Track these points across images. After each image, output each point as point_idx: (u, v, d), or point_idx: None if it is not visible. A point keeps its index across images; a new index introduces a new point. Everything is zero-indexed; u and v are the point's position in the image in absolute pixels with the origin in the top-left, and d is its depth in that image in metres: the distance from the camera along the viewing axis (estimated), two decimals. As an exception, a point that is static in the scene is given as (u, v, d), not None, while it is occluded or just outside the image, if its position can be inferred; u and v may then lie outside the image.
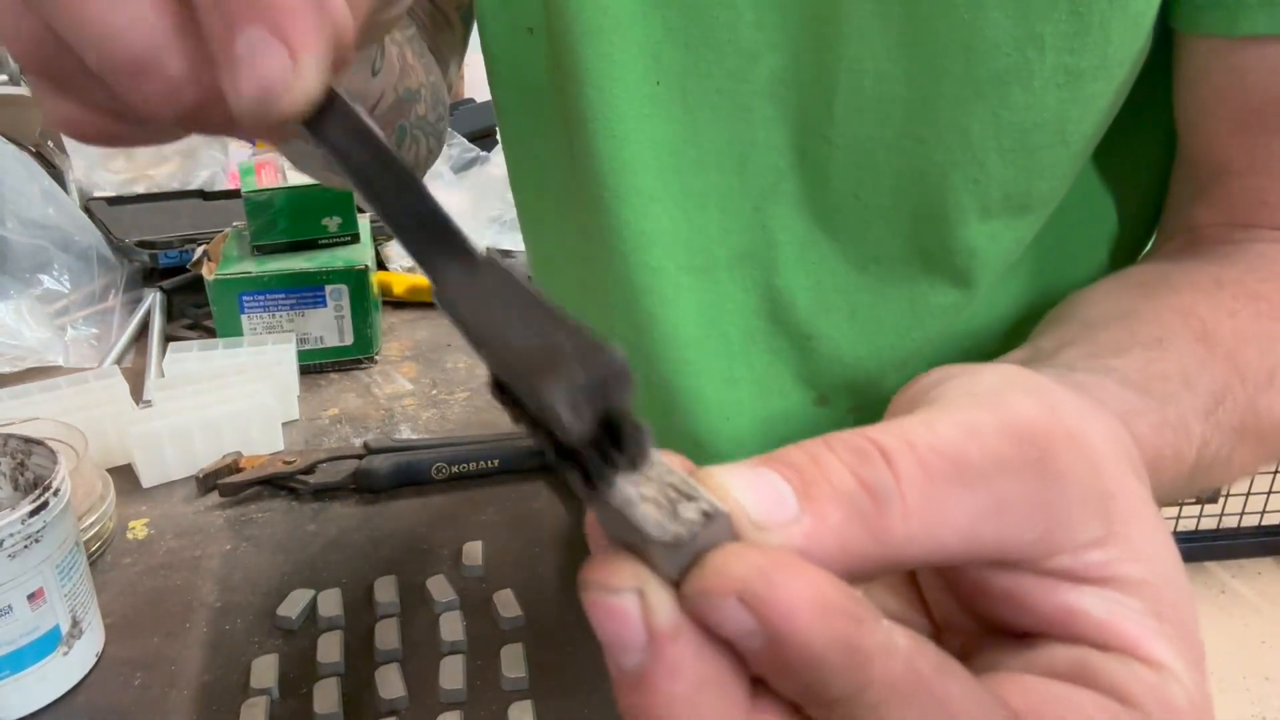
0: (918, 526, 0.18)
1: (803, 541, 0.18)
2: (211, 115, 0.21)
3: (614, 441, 0.17)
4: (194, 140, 1.06)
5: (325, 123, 0.21)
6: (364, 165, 0.21)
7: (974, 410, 0.20)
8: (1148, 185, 0.46)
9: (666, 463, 0.18)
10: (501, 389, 0.18)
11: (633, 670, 0.17)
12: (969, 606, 0.22)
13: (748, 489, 0.18)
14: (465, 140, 1.27)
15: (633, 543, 0.18)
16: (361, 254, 0.82)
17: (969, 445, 0.19)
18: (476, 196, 1.11)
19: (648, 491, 0.17)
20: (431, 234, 0.21)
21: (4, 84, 1.40)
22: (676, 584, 0.17)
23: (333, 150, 0.21)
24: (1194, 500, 1.92)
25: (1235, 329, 0.34)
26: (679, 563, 0.17)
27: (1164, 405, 0.29)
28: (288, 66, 0.19)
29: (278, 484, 0.65)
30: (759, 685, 0.18)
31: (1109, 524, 0.20)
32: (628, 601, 0.17)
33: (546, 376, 0.16)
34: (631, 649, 0.17)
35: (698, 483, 0.18)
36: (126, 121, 0.23)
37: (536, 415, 0.17)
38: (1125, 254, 0.48)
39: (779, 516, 0.18)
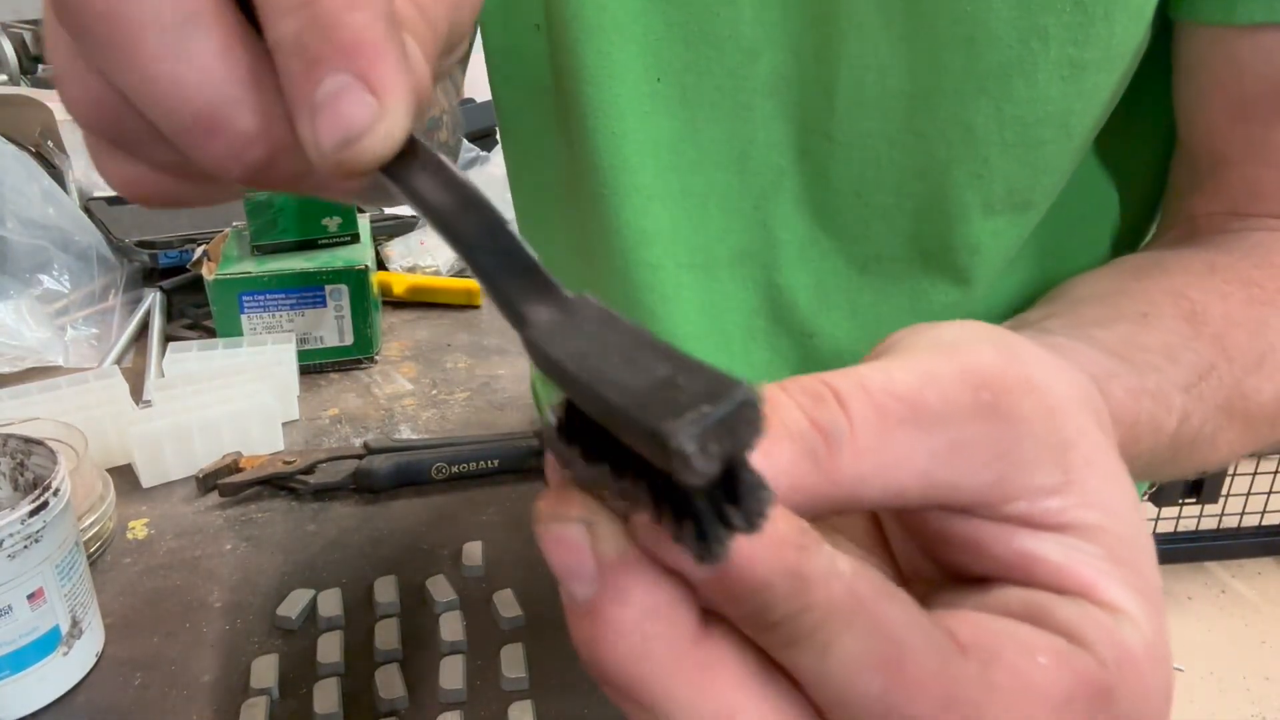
0: (870, 467, 0.18)
1: None
2: (280, 171, 0.21)
3: (727, 494, 0.16)
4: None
5: (406, 168, 0.21)
6: (446, 209, 0.20)
7: (932, 357, 0.20)
8: (1146, 178, 0.46)
9: None
10: (570, 435, 0.18)
11: (584, 600, 0.17)
12: (930, 554, 0.22)
13: None
14: (465, 140, 1.26)
15: (588, 479, 0.18)
16: (362, 254, 0.82)
17: (924, 389, 0.19)
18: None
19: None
20: (516, 275, 0.20)
21: (4, 84, 1.40)
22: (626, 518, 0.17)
23: (414, 197, 0.21)
24: (1194, 500, 1.92)
25: (1226, 312, 0.34)
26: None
27: (1143, 374, 0.29)
28: (374, 111, 0.19)
29: (278, 484, 0.65)
30: (706, 614, 0.18)
31: (1066, 472, 0.20)
32: (576, 532, 0.17)
33: (668, 413, 0.15)
34: (582, 578, 0.17)
35: None
36: (190, 180, 0.23)
37: (650, 458, 0.15)
38: (1124, 247, 0.48)
39: None
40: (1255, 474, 1.94)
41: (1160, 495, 1.85)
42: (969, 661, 0.17)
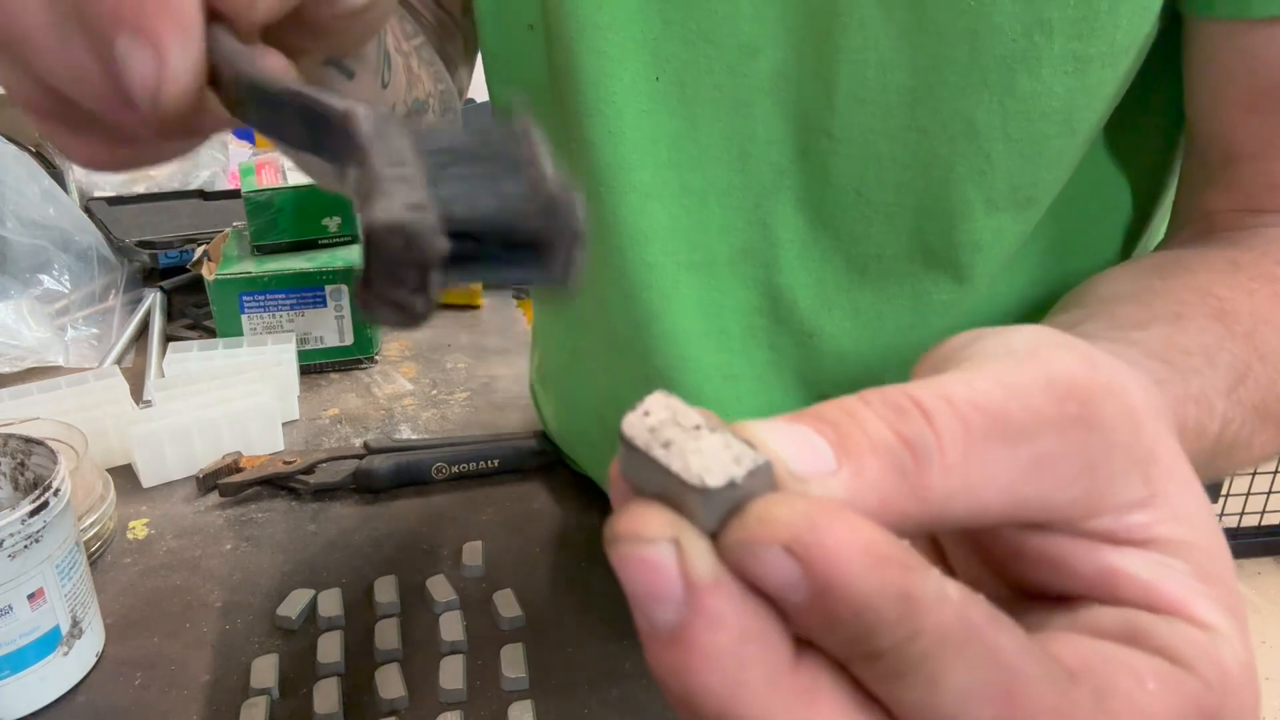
0: (959, 483, 0.17)
1: (842, 494, 0.17)
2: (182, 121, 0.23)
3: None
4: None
5: (246, 102, 0.22)
6: (271, 122, 0.22)
7: (1012, 366, 0.19)
8: (1150, 173, 0.46)
9: (703, 415, 0.17)
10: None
11: (668, 626, 0.16)
12: (1001, 571, 0.21)
13: (785, 442, 0.17)
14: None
15: (665, 493, 0.17)
16: (362, 254, 0.82)
17: (1009, 401, 0.18)
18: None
19: (684, 440, 0.16)
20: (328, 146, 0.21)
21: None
22: (713, 537, 0.16)
23: (252, 123, 0.23)
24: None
25: (1253, 309, 0.33)
26: (717, 514, 0.16)
27: (1186, 378, 0.29)
28: (154, 60, 0.21)
29: (278, 484, 0.65)
30: (800, 645, 0.17)
31: (1151, 485, 0.19)
32: (663, 552, 0.16)
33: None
34: (667, 602, 0.16)
35: (734, 435, 0.17)
36: (132, 144, 0.26)
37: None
38: (1127, 246, 0.48)
39: (817, 469, 0.17)
40: (1255, 474, 1.94)
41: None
42: (1082, 691, 0.16)
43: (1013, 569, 0.20)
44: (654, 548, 0.16)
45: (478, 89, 0.59)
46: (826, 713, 0.16)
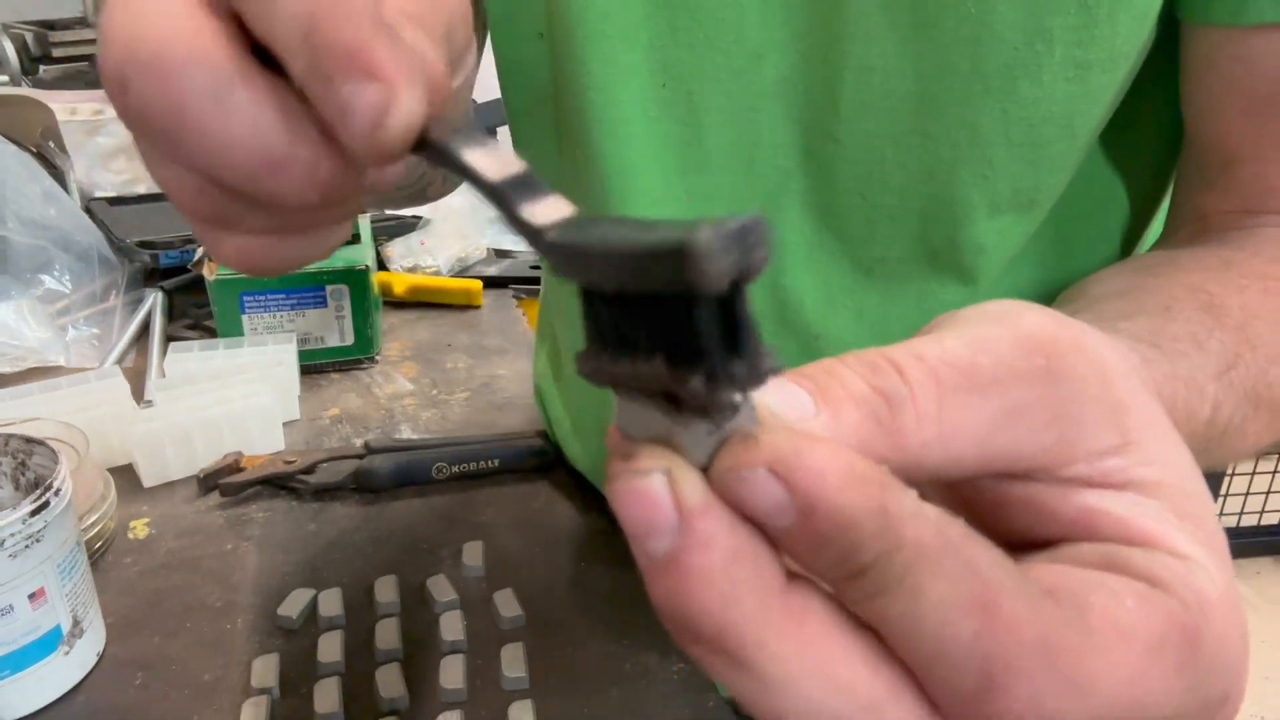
0: (932, 432, 0.18)
1: (823, 434, 0.18)
2: (348, 186, 0.23)
3: (730, 346, 0.17)
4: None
5: (436, 146, 0.23)
6: (474, 166, 0.23)
7: (982, 326, 0.20)
8: (1150, 174, 0.46)
9: None
10: (597, 348, 0.18)
11: (664, 554, 0.17)
12: (987, 523, 0.22)
13: (768, 391, 0.18)
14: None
15: (657, 437, 0.18)
16: (362, 254, 0.82)
17: (978, 355, 0.19)
18: (475, 196, 1.11)
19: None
20: (525, 197, 0.21)
21: (5, 84, 1.40)
22: (704, 471, 0.17)
23: (447, 165, 0.23)
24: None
25: (1244, 304, 0.34)
26: (705, 449, 0.17)
27: (1174, 360, 0.29)
28: (384, 93, 0.21)
29: (278, 484, 0.65)
30: (792, 575, 0.18)
31: (1124, 433, 0.20)
32: (656, 482, 0.17)
33: (682, 234, 0.15)
34: (662, 531, 0.17)
35: None
36: (290, 235, 0.26)
37: (667, 287, 0.16)
38: (1128, 244, 0.48)
39: (799, 413, 0.18)
40: (1254, 473, 1.94)
41: (1160, 495, 1.85)
42: (1061, 605, 0.17)
43: (998, 519, 0.21)
44: (648, 479, 0.17)
45: (478, 89, 0.59)
46: (816, 632, 0.17)
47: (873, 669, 0.17)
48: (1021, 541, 0.21)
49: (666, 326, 0.17)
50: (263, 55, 0.22)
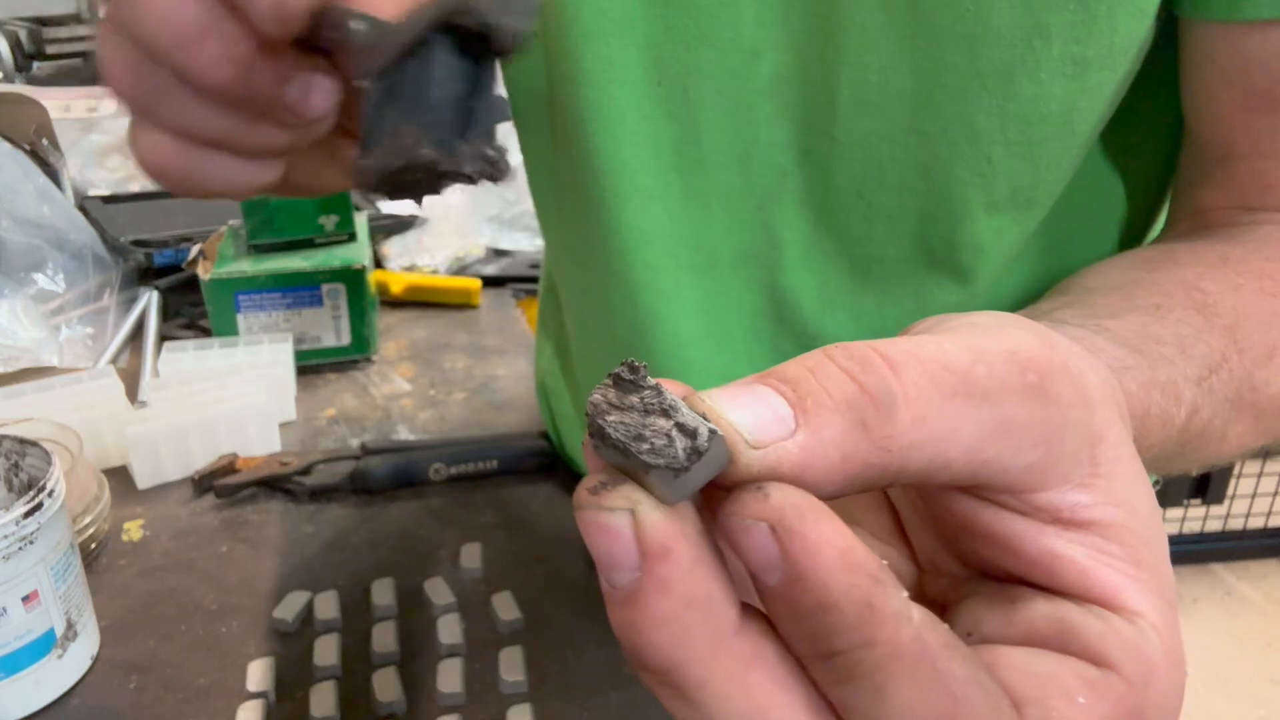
0: (923, 434, 0.18)
1: (800, 455, 0.18)
2: (264, 78, 0.28)
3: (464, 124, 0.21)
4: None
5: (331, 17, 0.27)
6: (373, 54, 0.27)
7: (976, 336, 0.20)
8: (1149, 172, 0.46)
9: (663, 388, 0.18)
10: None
11: (623, 587, 0.18)
12: (953, 547, 0.22)
13: (741, 409, 0.18)
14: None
15: (629, 468, 0.18)
16: (359, 253, 0.82)
17: (976, 364, 0.19)
18: (474, 194, 1.11)
19: (641, 418, 0.18)
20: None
21: (-1, 82, 1.39)
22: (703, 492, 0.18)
23: (339, 33, 0.26)
24: (1200, 501, 1.92)
25: (1237, 303, 0.34)
26: (672, 489, 0.18)
27: (1154, 366, 0.29)
28: None
29: (274, 485, 0.64)
30: (748, 618, 0.18)
31: (1095, 465, 0.20)
32: (620, 520, 0.17)
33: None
34: (623, 567, 0.17)
35: (692, 407, 0.18)
36: (205, 150, 0.29)
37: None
38: (1128, 242, 0.48)
39: (774, 434, 0.18)
40: (1261, 475, 1.94)
41: (1165, 496, 1.85)
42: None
43: (964, 545, 0.22)
44: (613, 515, 0.18)
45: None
46: (759, 678, 0.18)
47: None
48: (984, 570, 0.21)
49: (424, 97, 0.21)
50: None
